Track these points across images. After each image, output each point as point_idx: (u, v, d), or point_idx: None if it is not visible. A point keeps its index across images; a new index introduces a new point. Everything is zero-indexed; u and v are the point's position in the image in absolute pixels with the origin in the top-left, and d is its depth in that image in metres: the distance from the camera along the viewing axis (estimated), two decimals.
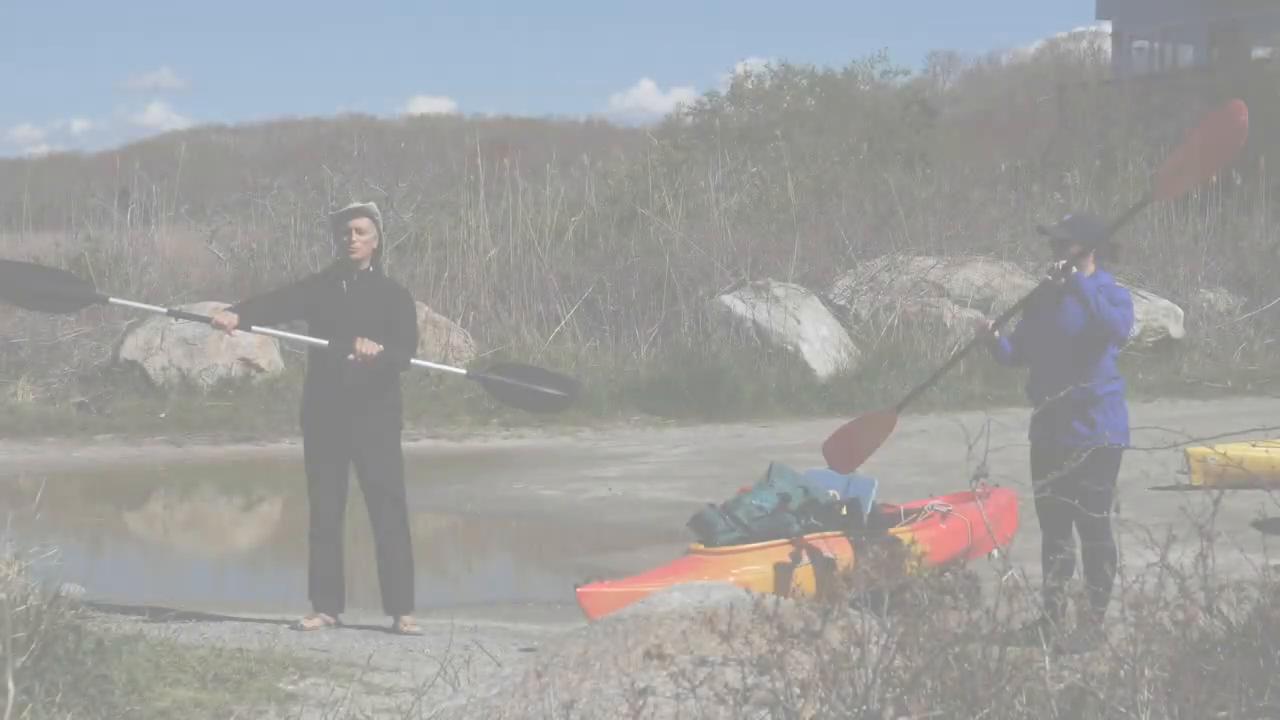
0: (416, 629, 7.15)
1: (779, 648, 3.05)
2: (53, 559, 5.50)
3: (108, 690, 5.08)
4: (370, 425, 7.10)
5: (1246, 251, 21.50)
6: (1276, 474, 7.92)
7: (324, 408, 7.14)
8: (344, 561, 7.38)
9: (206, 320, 7.36)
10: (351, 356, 6.88)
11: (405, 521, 7.25)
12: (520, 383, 7.30)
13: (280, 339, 7.19)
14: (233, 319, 7.17)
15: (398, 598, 7.23)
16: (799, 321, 17.12)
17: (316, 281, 7.36)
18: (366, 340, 6.86)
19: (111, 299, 7.88)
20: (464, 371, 7.56)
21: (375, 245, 7.20)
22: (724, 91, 35.21)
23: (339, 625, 7.26)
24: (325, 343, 7.01)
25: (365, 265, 7.15)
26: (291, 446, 14.06)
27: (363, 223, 7.14)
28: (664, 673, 3.29)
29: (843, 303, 18.69)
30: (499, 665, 4.17)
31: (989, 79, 58.63)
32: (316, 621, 7.23)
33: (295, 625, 7.18)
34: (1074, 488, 5.95)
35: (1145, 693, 3.05)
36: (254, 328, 7.26)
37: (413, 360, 7.17)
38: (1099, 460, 6.03)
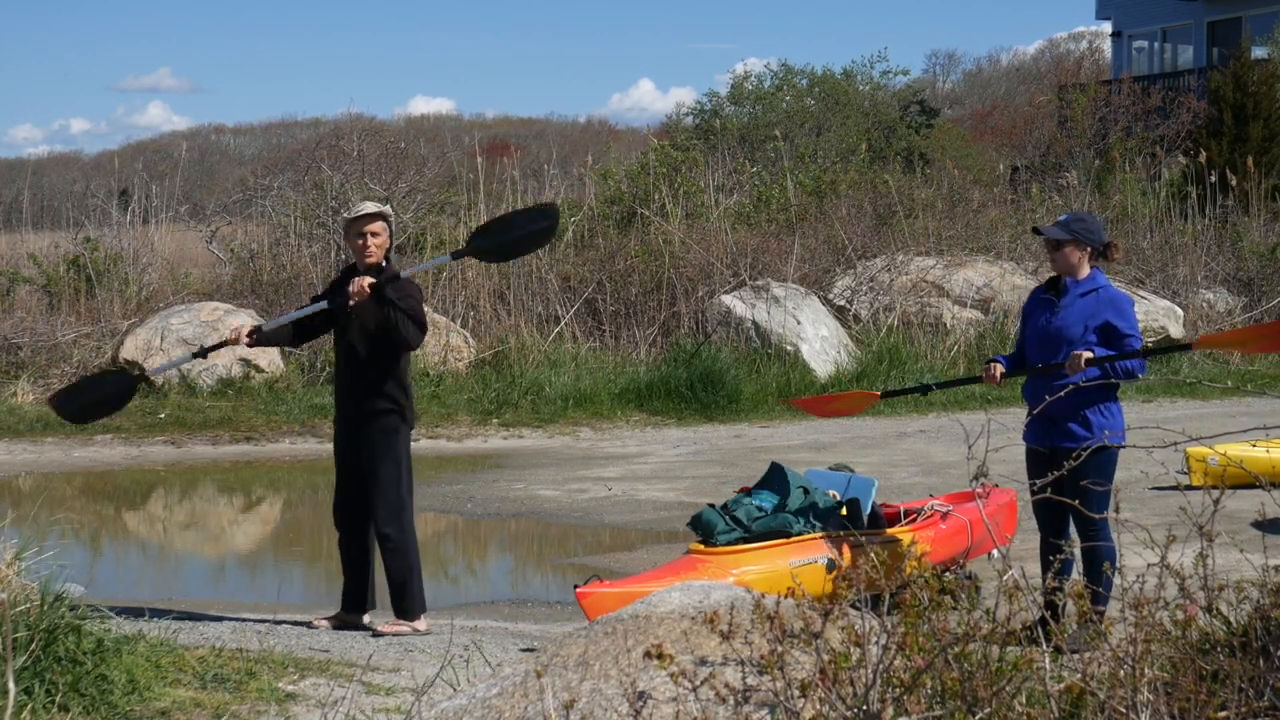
0: (404, 630, 7.10)
1: (779, 648, 3.05)
2: (53, 559, 5.50)
3: (108, 690, 5.08)
4: (366, 428, 7.13)
5: (1246, 252, 21.52)
6: (1277, 474, 7.92)
7: (339, 415, 7.27)
8: (370, 564, 7.35)
9: (222, 344, 7.55)
10: (351, 301, 7.00)
11: (403, 528, 7.18)
12: (506, 236, 7.27)
13: (293, 319, 7.29)
14: (245, 326, 7.39)
15: (395, 602, 7.21)
16: (799, 322, 17.13)
17: (331, 289, 7.40)
18: (358, 279, 6.99)
19: (149, 373, 8.02)
20: (446, 259, 7.40)
21: (387, 245, 7.25)
22: (724, 92, 35.37)
23: (356, 627, 7.24)
24: (324, 304, 7.14)
25: (377, 265, 7.21)
26: (291, 446, 14.12)
27: (377, 225, 7.19)
28: (664, 673, 3.29)
29: (842, 303, 18.69)
30: (499, 665, 4.16)
31: (989, 79, 58.76)
32: (325, 622, 7.23)
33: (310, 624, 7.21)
34: (1071, 488, 5.98)
35: (1145, 693, 3.05)
36: (265, 328, 7.41)
37: (403, 273, 7.12)
38: (1095, 461, 6.05)
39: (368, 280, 6.97)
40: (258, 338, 7.34)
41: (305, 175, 19.85)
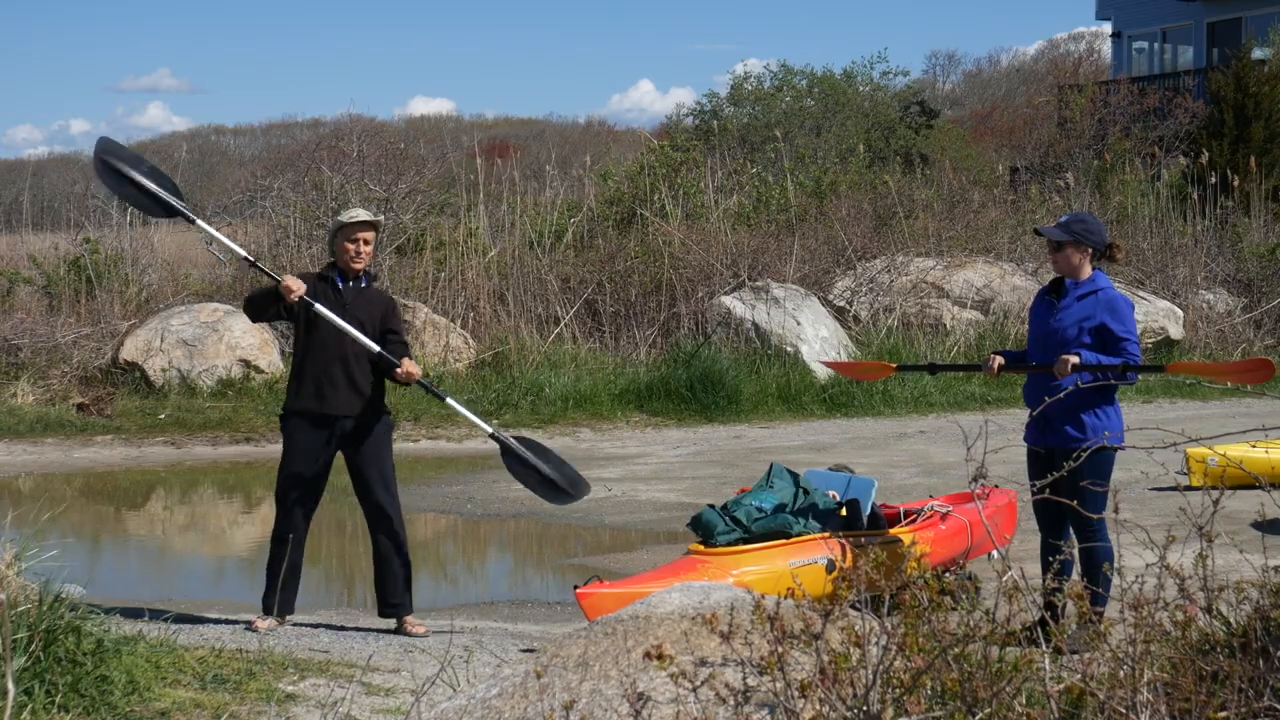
0: (422, 630, 7.15)
1: (779, 648, 3.05)
2: (53, 559, 5.50)
3: (108, 691, 5.08)
4: (365, 426, 7.16)
5: (1246, 253, 21.51)
6: (1276, 474, 7.93)
7: (315, 409, 7.17)
8: (302, 561, 7.40)
9: (277, 280, 7.18)
10: (399, 371, 7.10)
11: (402, 522, 7.28)
12: (536, 461, 7.39)
13: (332, 324, 7.19)
14: (301, 286, 7.09)
15: (398, 599, 7.24)
16: (799, 323, 17.13)
17: (314, 283, 7.29)
18: (412, 363, 7.16)
19: (198, 221, 7.65)
20: (490, 429, 7.58)
21: (373, 255, 7.36)
22: (723, 92, 35.38)
23: (293, 625, 7.22)
24: (376, 347, 7.11)
25: (362, 272, 7.24)
26: None
27: (371, 234, 7.22)
28: (664, 673, 3.29)
29: (842, 304, 18.69)
30: (499, 665, 4.17)
31: (989, 79, 58.71)
32: (269, 623, 7.15)
33: (249, 626, 7.14)
34: (1069, 489, 5.97)
35: (1145, 693, 3.05)
36: (311, 302, 7.17)
37: (448, 400, 7.44)
38: (1091, 462, 6.04)
39: (418, 372, 7.18)
40: (305, 299, 7.10)
41: (305, 176, 19.84)
